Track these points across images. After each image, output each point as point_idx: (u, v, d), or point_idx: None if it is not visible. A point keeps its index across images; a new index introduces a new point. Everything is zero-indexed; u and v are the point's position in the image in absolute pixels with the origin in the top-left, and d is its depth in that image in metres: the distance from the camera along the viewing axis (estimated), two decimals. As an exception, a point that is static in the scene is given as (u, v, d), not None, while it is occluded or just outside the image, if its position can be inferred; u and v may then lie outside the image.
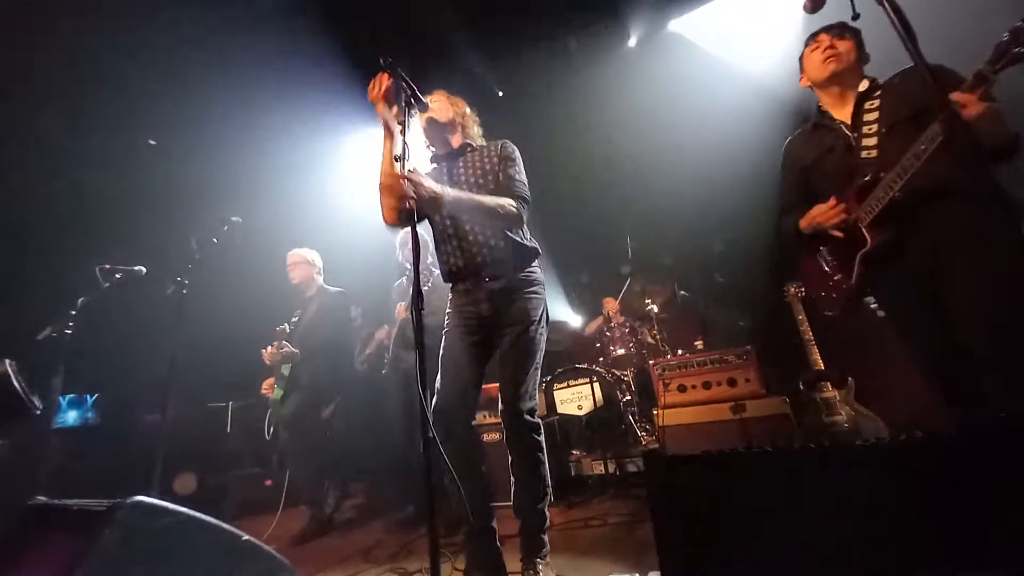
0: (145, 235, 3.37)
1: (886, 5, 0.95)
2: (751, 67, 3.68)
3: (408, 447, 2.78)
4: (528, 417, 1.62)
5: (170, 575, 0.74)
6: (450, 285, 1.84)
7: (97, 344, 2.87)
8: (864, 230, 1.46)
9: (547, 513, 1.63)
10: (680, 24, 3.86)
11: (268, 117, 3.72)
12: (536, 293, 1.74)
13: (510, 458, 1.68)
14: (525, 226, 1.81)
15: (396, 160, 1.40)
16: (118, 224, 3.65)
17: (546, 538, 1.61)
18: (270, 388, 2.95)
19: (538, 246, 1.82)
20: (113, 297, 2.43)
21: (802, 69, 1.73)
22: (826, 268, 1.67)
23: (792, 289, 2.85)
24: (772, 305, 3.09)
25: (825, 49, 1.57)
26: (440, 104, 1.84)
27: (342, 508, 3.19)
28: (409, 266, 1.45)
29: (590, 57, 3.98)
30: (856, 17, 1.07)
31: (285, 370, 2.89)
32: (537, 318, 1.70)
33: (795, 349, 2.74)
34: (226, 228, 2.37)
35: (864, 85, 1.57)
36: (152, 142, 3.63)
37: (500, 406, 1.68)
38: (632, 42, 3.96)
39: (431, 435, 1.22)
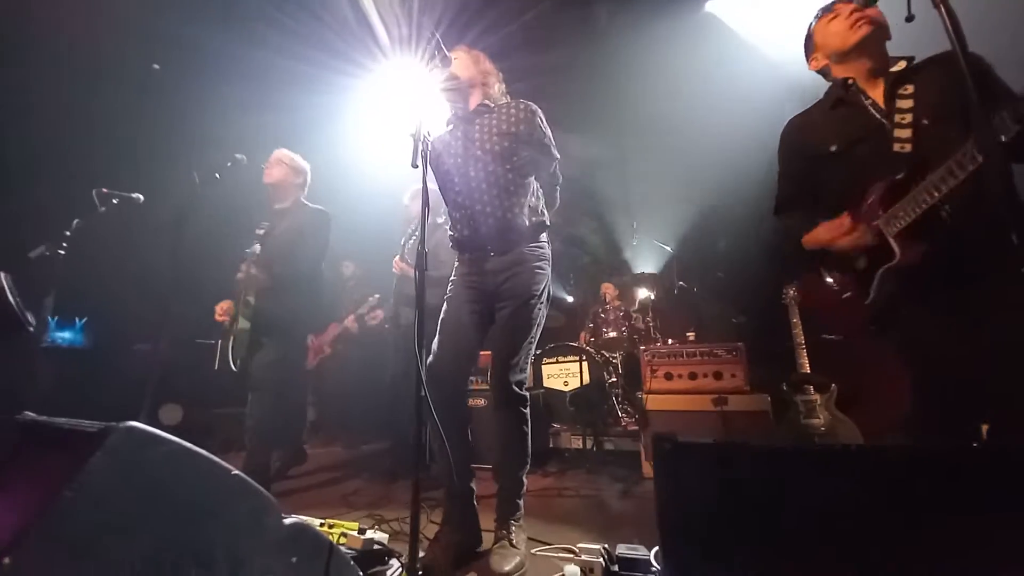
0: (146, 163, 3.26)
1: (942, 10, 0.90)
2: (783, 58, 3.55)
3: (397, 404, 2.83)
4: (516, 389, 1.64)
5: (158, 503, 0.75)
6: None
7: (90, 267, 2.82)
8: (892, 240, 1.21)
9: (524, 480, 1.68)
10: (716, 5, 3.71)
11: (278, 57, 3.57)
12: (540, 268, 1.72)
13: (495, 424, 1.71)
14: (541, 199, 1.79)
15: (414, 166, 1.39)
16: (119, 149, 3.54)
17: (521, 503, 1.66)
18: (225, 314, 2.53)
19: (548, 218, 1.80)
20: (109, 222, 2.38)
21: (813, 47, 1.45)
22: (833, 285, 1.40)
23: (791, 292, 2.86)
24: (768, 305, 3.11)
25: (851, 13, 1.31)
26: (460, 61, 1.76)
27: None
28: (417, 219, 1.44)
29: (620, 30, 3.82)
30: (911, 18, 1.00)
31: (251, 297, 2.47)
32: (538, 293, 1.70)
33: (785, 351, 2.78)
34: (229, 164, 2.31)
35: (900, 65, 1.31)
36: (156, 66, 3.48)
37: (490, 375, 1.70)
38: (665, 20, 3.79)
39: (424, 394, 1.24)
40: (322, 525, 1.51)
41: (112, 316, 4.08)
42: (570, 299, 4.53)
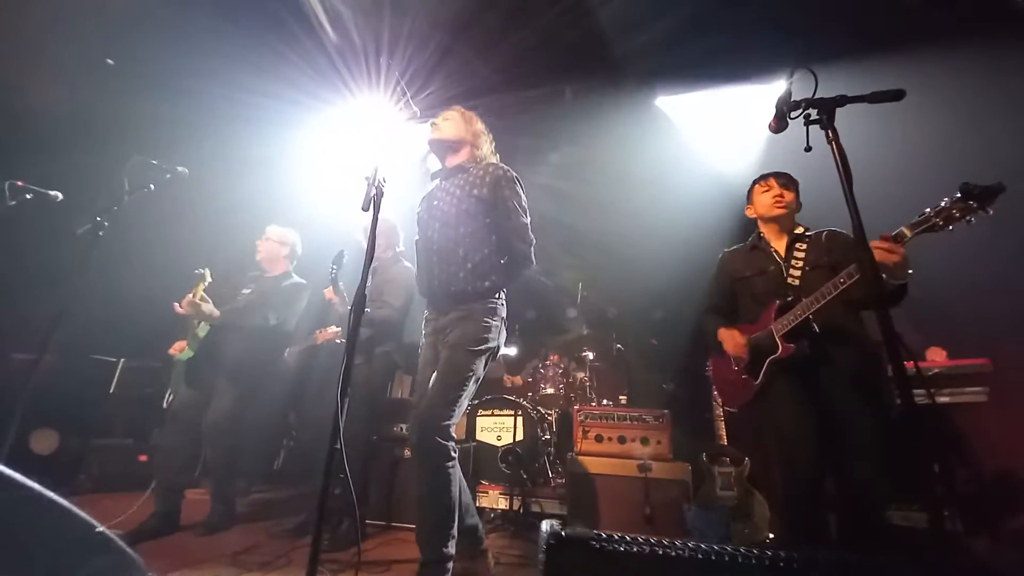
0: (74, 161, 3.00)
1: (833, 147, 1.10)
2: (714, 158, 4.05)
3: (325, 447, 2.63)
4: (440, 440, 1.54)
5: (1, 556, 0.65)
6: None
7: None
8: (778, 339, 1.78)
9: (449, 553, 1.51)
10: (665, 102, 4.18)
11: (244, 77, 3.52)
12: (487, 321, 1.71)
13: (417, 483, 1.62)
14: (495, 265, 1.76)
15: (364, 210, 1.43)
16: (47, 142, 3.25)
17: None
18: (179, 351, 2.61)
19: (500, 283, 1.77)
20: (17, 217, 2.15)
21: (750, 201, 2.12)
22: (734, 367, 1.98)
23: (712, 365, 3.05)
24: (693, 376, 3.29)
25: (775, 196, 1.96)
26: (451, 122, 1.85)
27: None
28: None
29: (582, 108, 4.19)
30: (808, 149, 1.21)
31: (201, 331, 2.54)
32: (478, 341, 1.68)
33: (705, 421, 2.92)
34: (168, 176, 2.18)
35: (800, 230, 1.98)
36: (110, 61, 3.31)
37: (409, 420, 1.65)
38: (621, 106, 4.20)
39: (339, 446, 1.18)
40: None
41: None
42: (512, 352, 4.53)
